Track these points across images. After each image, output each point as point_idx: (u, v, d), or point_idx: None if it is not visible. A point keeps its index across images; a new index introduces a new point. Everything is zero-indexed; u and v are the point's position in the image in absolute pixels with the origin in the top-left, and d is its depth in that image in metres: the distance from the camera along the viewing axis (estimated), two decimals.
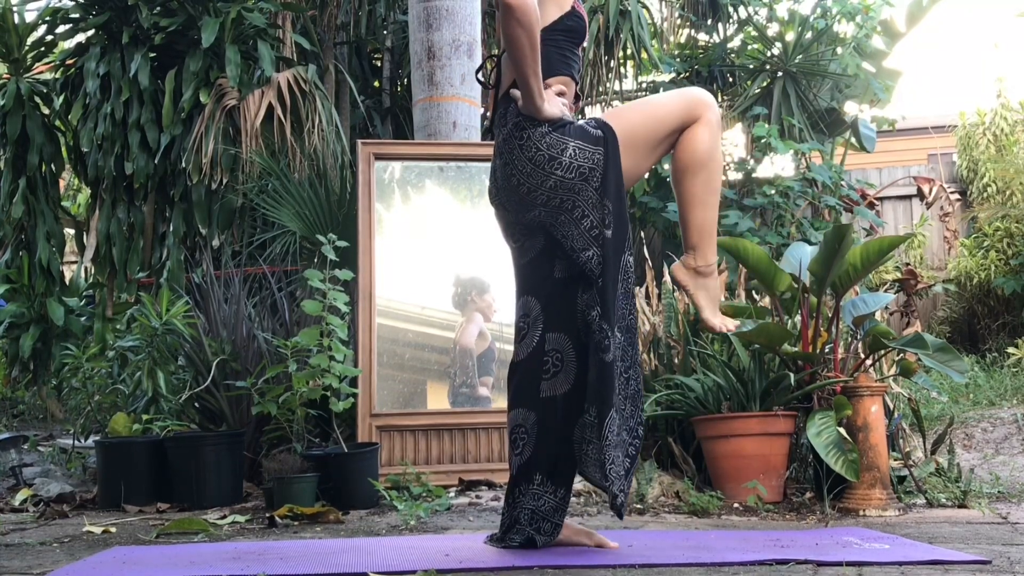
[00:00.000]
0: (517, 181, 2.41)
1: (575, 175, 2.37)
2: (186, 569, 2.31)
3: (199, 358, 3.96)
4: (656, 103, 2.57)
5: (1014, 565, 2.23)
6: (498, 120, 2.49)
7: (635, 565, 2.26)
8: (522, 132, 2.38)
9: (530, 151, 2.37)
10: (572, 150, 2.36)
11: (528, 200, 2.42)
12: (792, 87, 6.62)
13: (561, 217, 2.41)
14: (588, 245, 2.39)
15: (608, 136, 2.39)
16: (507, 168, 2.43)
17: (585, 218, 2.39)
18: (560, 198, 2.39)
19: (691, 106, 2.49)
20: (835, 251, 3.48)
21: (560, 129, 2.37)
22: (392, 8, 6.58)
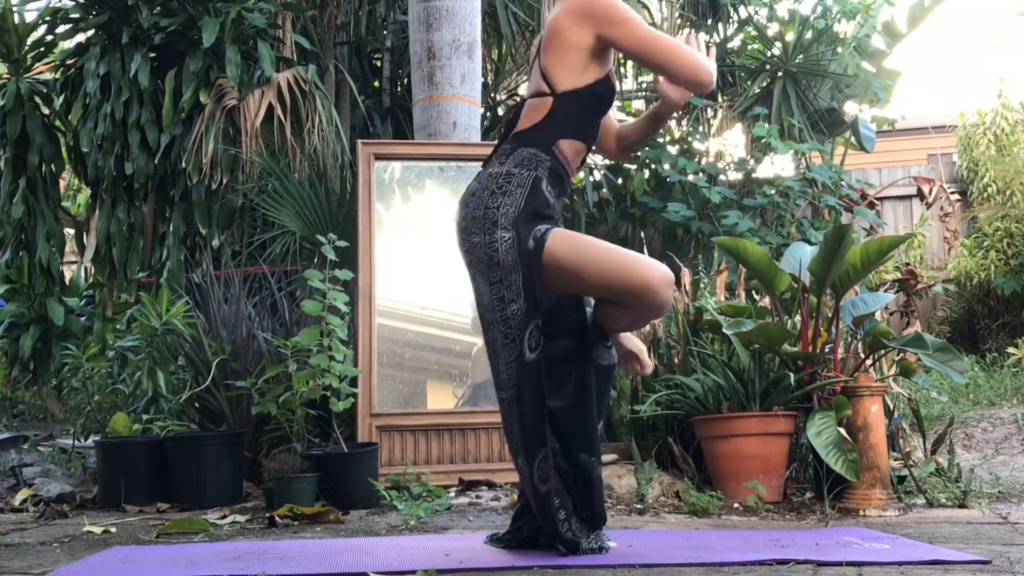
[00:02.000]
0: (461, 214, 2.43)
1: (487, 256, 2.35)
2: (186, 569, 2.31)
3: (199, 358, 3.96)
4: (606, 270, 2.32)
5: (1014, 565, 2.23)
6: (499, 154, 2.47)
7: (635, 565, 2.26)
8: (499, 189, 2.37)
9: (486, 205, 2.37)
10: (506, 241, 2.34)
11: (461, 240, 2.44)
12: (792, 87, 6.62)
13: (469, 270, 2.45)
14: (477, 310, 2.44)
15: (535, 256, 2.32)
16: (468, 196, 2.44)
17: (476, 290, 2.43)
18: (472, 255, 2.40)
19: (637, 293, 2.30)
20: (835, 251, 3.48)
21: (521, 220, 2.33)
22: (392, 8, 6.58)
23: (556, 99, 2.42)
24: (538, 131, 2.44)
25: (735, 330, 3.68)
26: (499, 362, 2.38)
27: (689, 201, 6.00)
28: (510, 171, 2.40)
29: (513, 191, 2.37)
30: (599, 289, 2.37)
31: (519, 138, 2.46)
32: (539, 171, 2.40)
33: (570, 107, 2.42)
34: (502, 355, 2.36)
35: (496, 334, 2.37)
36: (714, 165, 6.32)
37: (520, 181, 2.38)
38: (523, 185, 2.38)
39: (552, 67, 2.42)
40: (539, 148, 2.42)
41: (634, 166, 6.59)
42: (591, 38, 2.38)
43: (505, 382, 2.37)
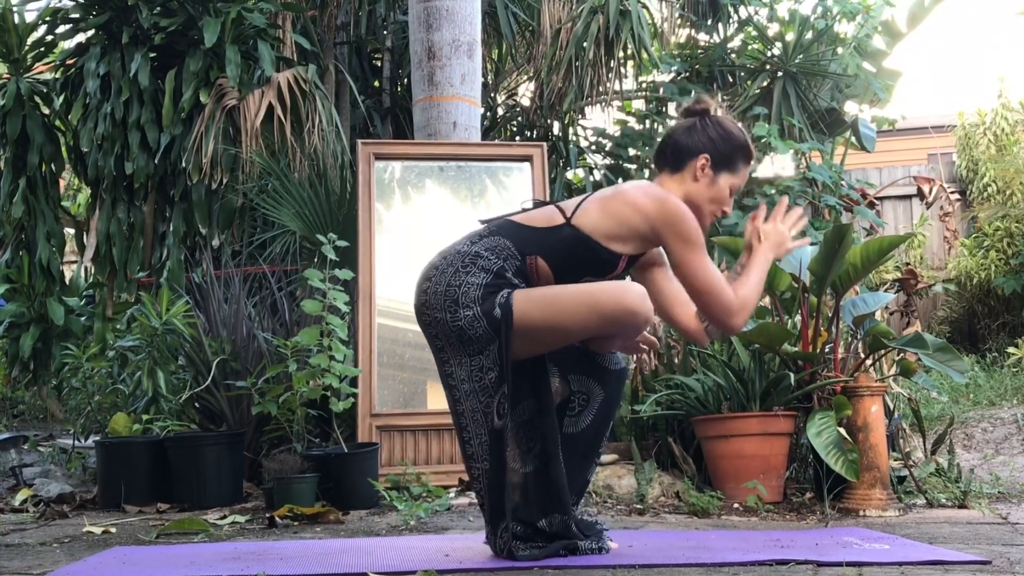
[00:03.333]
0: (422, 287, 2.38)
1: (455, 332, 2.30)
2: (186, 569, 2.31)
3: (199, 358, 3.96)
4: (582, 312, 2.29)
5: (1014, 565, 2.23)
6: (472, 234, 2.43)
7: (635, 565, 2.26)
8: (463, 268, 2.32)
9: (448, 283, 2.32)
10: (468, 317, 2.29)
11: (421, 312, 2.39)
12: (792, 87, 6.61)
13: (433, 342, 2.38)
14: (445, 383, 2.38)
15: (504, 323, 2.27)
16: (430, 270, 2.39)
17: (444, 363, 2.36)
18: (436, 330, 2.35)
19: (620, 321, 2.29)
20: (835, 251, 3.48)
21: (482, 296, 2.28)
22: (392, 8, 6.58)
23: (566, 227, 2.38)
24: (527, 233, 2.38)
25: None
26: (482, 433, 2.33)
27: None
28: (479, 253, 2.34)
29: (477, 273, 2.31)
30: (581, 333, 2.34)
31: (504, 227, 2.41)
32: (507, 264, 2.33)
33: (571, 244, 2.37)
34: (483, 426, 2.32)
35: (476, 404, 2.31)
36: None
37: (486, 266, 2.32)
38: (488, 271, 2.31)
39: (591, 210, 2.39)
40: (517, 247, 2.35)
41: (634, 166, 6.59)
42: (649, 231, 2.36)
43: (483, 454, 2.33)
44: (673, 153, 2.49)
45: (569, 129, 6.84)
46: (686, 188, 2.46)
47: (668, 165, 2.50)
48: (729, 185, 2.48)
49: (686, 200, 2.43)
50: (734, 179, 2.49)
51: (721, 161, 2.46)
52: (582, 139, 7.06)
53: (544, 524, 2.36)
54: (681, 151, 2.47)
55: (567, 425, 2.48)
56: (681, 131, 2.51)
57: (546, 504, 2.37)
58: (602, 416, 2.52)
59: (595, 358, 2.48)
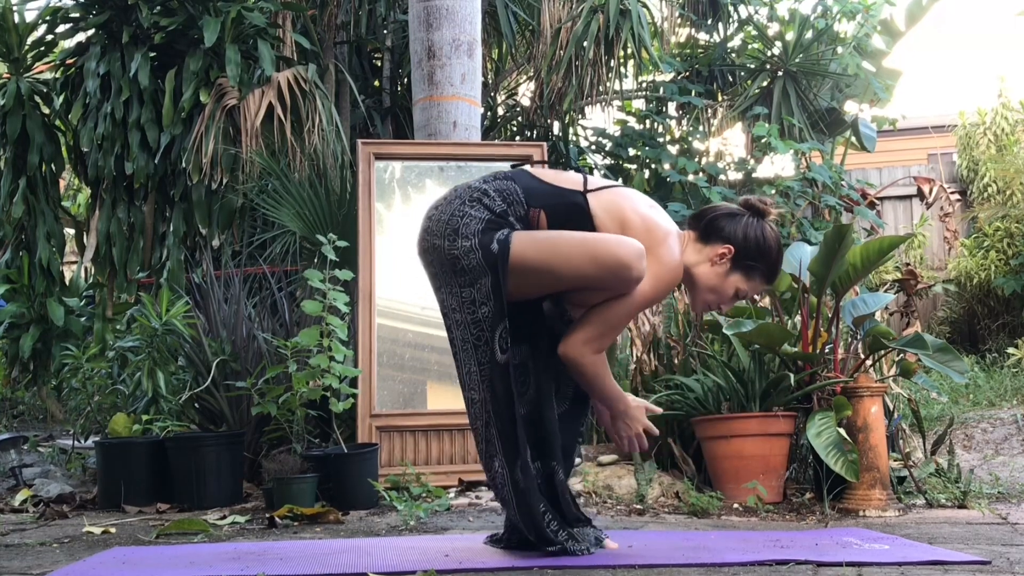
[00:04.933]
0: (428, 215, 2.43)
1: (449, 261, 2.34)
2: (186, 569, 2.31)
3: (199, 358, 3.96)
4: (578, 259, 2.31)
5: (1014, 565, 2.24)
6: (489, 174, 2.46)
7: (635, 565, 2.26)
8: (469, 202, 2.36)
9: (452, 212, 2.36)
10: (465, 247, 2.32)
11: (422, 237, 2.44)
12: (792, 87, 6.61)
13: (429, 269, 2.44)
14: (442, 312, 2.44)
15: (500, 259, 2.30)
16: (439, 201, 2.44)
17: (439, 290, 2.42)
18: (432, 256, 2.40)
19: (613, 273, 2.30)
20: (835, 251, 3.48)
21: (482, 231, 2.32)
22: (392, 8, 6.58)
23: (579, 195, 2.40)
24: (539, 185, 2.41)
25: (735, 330, 3.68)
26: (470, 362, 2.36)
27: (689, 201, 6.00)
28: (487, 191, 2.38)
29: (480, 208, 2.35)
30: (574, 280, 2.34)
31: (519, 175, 2.43)
32: (511, 208, 2.36)
33: (574, 212, 2.38)
34: (473, 356, 2.35)
35: (467, 335, 2.36)
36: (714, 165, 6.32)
37: (490, 205, 2.35)
38: (491, 210, 2.35)
39: (611, 204, 2.40)
40: (524, 196, 2.38)
41: (634, 166, 6.60)
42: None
43: (476, 382, 2.36)
44: (708, 226, 2.48)
45: (569, 129, 6.85)
46: (699, 264, 2.46)
47: (699, 232, 2.50)
48: (737, 287, 2.48)
49: (690, 272, 2.45)
50: (744, 284, 2.48)
51: (743, 262, 2.45)
52: (582, 139, 7.07)
53: (538, 466, 2.38)
54: (715, 230, 2.47)
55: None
56: (727, 212, 2.50)
57: (539, 448, 2.39)
58: (580, 399, 2.57)
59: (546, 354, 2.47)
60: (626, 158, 6.65)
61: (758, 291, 2.57)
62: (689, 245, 2.48)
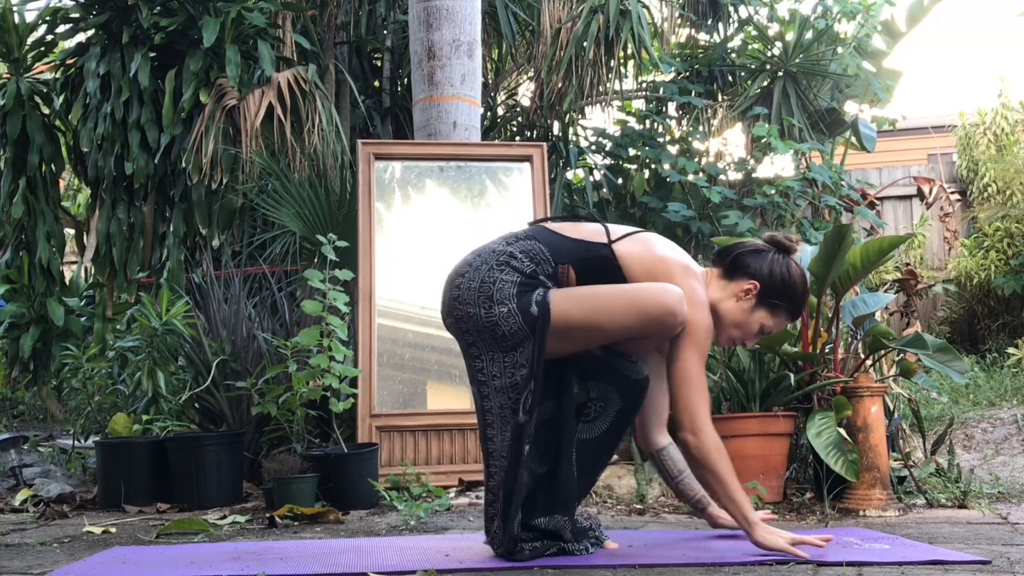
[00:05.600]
0: (454, 283, 2.39)
1: (487, 328, 2.31)
2: (186, 569, 2.31)
3: (199, 358, 3.96)
4: (622, 312, 2.31)
5: (1014, 565, 2.24)
6: (508, 235, 2.44)
7: (635, 565, 2.26)
8: (498, 266, 2.33)
9: (483, 279, 2.33)
10: (503, 314, 2.29)
11: (452, 307, 2.39)
12: (792, 87, 6.61)
13: (463, 337, 2.39)
14: (473, 379, 2.38)
15: (542, 320, 2.28)
16: (464, 266, 2.40)
17: (475, 358, 2.36)
18: (467, 325, 2.34)
19: (659, 321, 2.31)
20: (835, 251, 3.48)
21: (517, 294, 2.29)
22: (392, 8, 6.58)
23: (604, 247, 2.40)
24: (563, 242, 2.40)
25: None
26: (505, 429, 2.32)
27: (689, 201, 6.00)
28: (513, 253, 2.35)
29: (510, 272, 2.32)
30: (618, 332, 2.34)
31: (540, 233, 2.42)
32: (540, 268, 2.35)
33: (602, 265, 2.38)
34: (509, 422, 2.31)
35: (505, 400, 2.31)
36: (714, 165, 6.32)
37: (519, 267, 2.33)
38: (521, 272, 2.33)
39: (636, 252, 2.40)
40: (551, 254, 2.37)
41: (634, 166, 6.59)
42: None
43: (505, 451, 2.32)
44: (732, 262, 2.49)
45: (569, 129, 6.84)
46: (723, 300, 2.47)
47: (723, 268, 2.50)
48: (762, 323, 2.49)
49: (715, 309, 2.44)
50: (769, 321, 2.49)
51: (768, 298, 2.46)
52: (582, 139, 7.06)
53: (542, 522, 2.37)
54: (740, 266, 2.48)
55: (581, 430, 2.49)
56: (752, 248, 2.50)
57: (550, 504, 2.38)
58: (618, 425, 2.53)
59: (617, 367, 2.49)
60: (626, 158, 6.65)
61: (782, 327, 2.57)
62: (713, 282, 2.49)
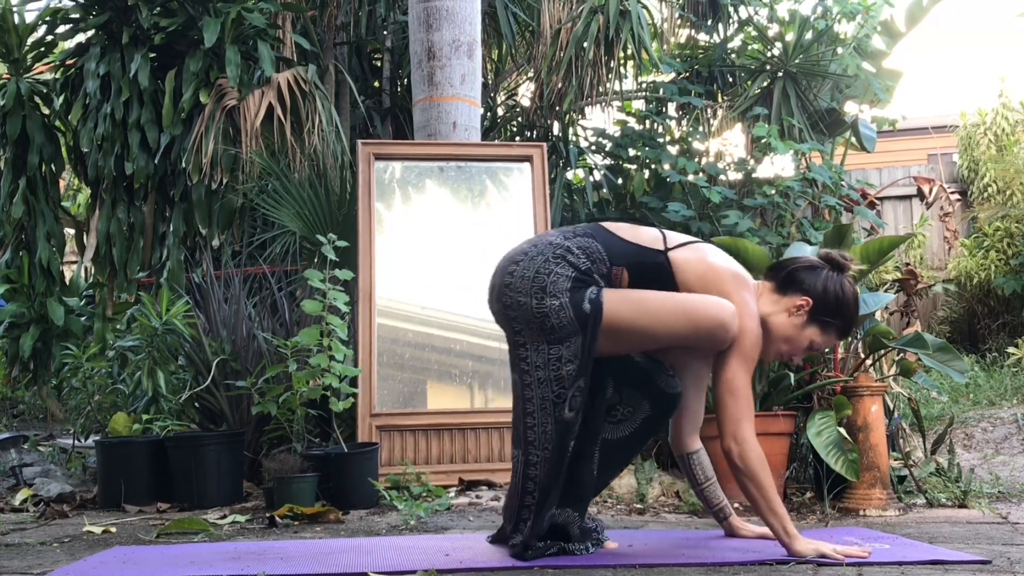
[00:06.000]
0: (507, 270, 2.39)
1: (537, 319, 2.31)
2: (186, 569, 2.31)
3: (199, 358, 3.96)
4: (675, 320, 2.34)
5: (1014, 565, 2.24)
6: (567, 229, 2.45)
7: (635, 565, 2.26)
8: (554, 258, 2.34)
9: (537, 269, 2.34)
10: (555, 307, 2.30)
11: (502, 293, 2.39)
12: (792, 87, 6.61)
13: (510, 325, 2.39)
14: (515, 367, 2.38)
15: (593, 318, 2.29)
16: (518, 254, 2.41)
17: (521, 346, 2.35)
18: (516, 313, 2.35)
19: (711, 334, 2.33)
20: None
21: (570, 289, 2.30)
22: (392, 8, 6.58)
23: (661, 254, 2.41)
24: (621, 244, 2.41)
25: None
26: (547, 422, 2.31)
27: (689, 201, 6.00)
28: (570, 248, 2.36)
29: (566, 266, 2.33)
30: (667, 339, 2.36)
31: (598, 232, 2.43)
32: (595, 267, 2.35)
33: (656, 271, 2.39)
34: (551, 414, 2.31)
35: (547, 393, 2.31)
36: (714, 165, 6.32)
37: (575, 262, 2.34)
38: (576, 267, 2.33)
39: (692, 261, 2.41)
40: (609, 255, 2.37)
41: (634, 166, 6.59)
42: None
43: (545, 441, 2.32)
44: (786, 277, 2.50)
45: (569, 129, 6.84)
46: (775, 314, 2.47)
47: (776, 282, 2.51)
48: (812, 339, 2.49)
49: (765, 322, 2.45)
50: (818, 337, 2.49)
51: (820, 315, 2.46)
52: (582, 139, 7.06)
53: (555, 514, 2.39)
54: (794, 281, 2.48)
55: (606, 430, 2.52)
56: (807, 265, 2.51)
57: (564, 499, 2.40)
58: (642, 433, 2.57)
59: (654, 377, 2.52)
60: (626, 158, 6.65)
61: (830, 345, 2.58)
62: (765, 295, 2.49)
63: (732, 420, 2.37)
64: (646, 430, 2.57)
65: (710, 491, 2.68)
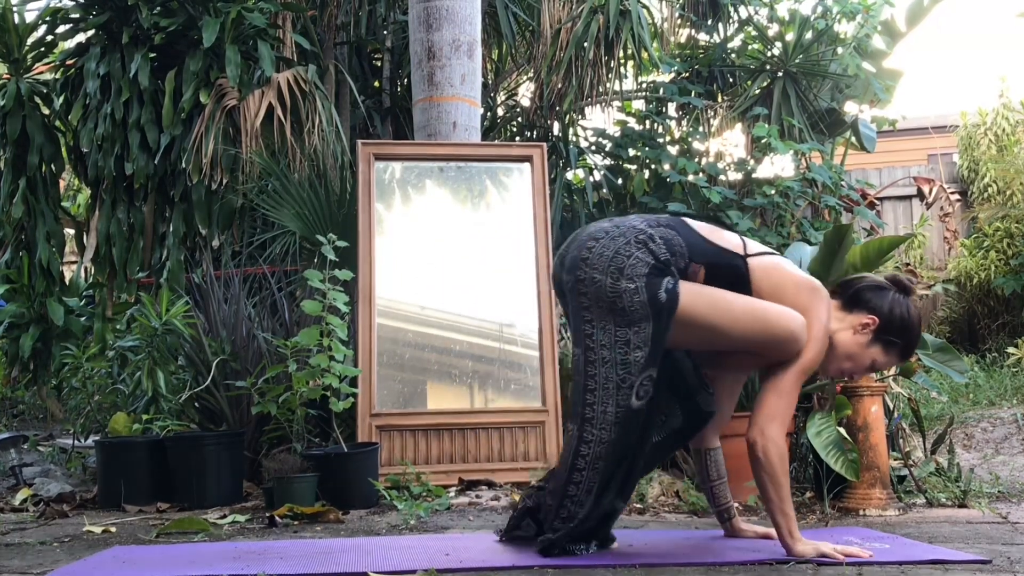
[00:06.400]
0: (586, 245, 2.39)
1: (608, 300, 2.31)
2: (186, 569, 2.31)
3: (199, 358, 3.96)
4: (748, 323, 2.35)
5: (1014, 565, 2.24)
6: (651, 217, 2.46)
7: (635, 565, 2.26)
8: (636, 242, 2.34)
9: (617, 250, 2.34)
10: (630, 291, 2.30)
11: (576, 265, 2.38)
12: (792, 87, 6.61)
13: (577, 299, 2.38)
14: (579, 341, 2.38)
15: (667, 308, 2.31)
16: (598, 231, 2.41)
17: (586, 322, 2.35)
18: (587, 289, 2.35)
19: (780, 343, 2.34)
20: (835, 251, 3.48)
21: (647, 275, 2.30)
22: (392, 8, 6.58)
23: (740, 259, 2.42)
24: (703, 243, 2.42)
25: None
26: (608, 402, 2.31)
27: (689, 201, 6.00)
28: (652, 236, 2.37)
29: (646, 252, 2.33)
30: (736, 341, 2.37)
31: (682, 227, 2.43)
32: (674, 259, 2.36)
33: (733, 275, 2.40)
34: (614, 397, 2.31)
35: (611, 374, 2.31)
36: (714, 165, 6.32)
37: (656, 251, 2.34)
38: (656, 256, 2.34)
39: (771, 269, 2.43)
40: (690, 251, 2.38)
41: (634, 166, 6.59)
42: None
43: (611, 423, 2.31)
44: (854, 295, 2.51)
45: (569, 129, 6.84)
46: (841, 331, 2.48)
47: (844, 300, 2.52)
48: (874, 358, 2.50)
49: (831, 338, 2.45)
50: (881, 357, 2.50)
51: (884, 335, 2.47)
52: (582, 139, 7.06)
53: (607, 502, 2.41)
54: (861, 300, 2.49)
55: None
56: (874, 284, 2.52)
57: (622, 490, 2.44)
58: (669, 443, 2.60)
59: (695, 393, 2.54)
60: (626, 158, 6.65)
61: (891, 366, 2.58)
62: (834, 311, 2.50)
63: (767, 415, 2.37)
64: (674, 441, 2.61)
65: (719, 489, 2.70)
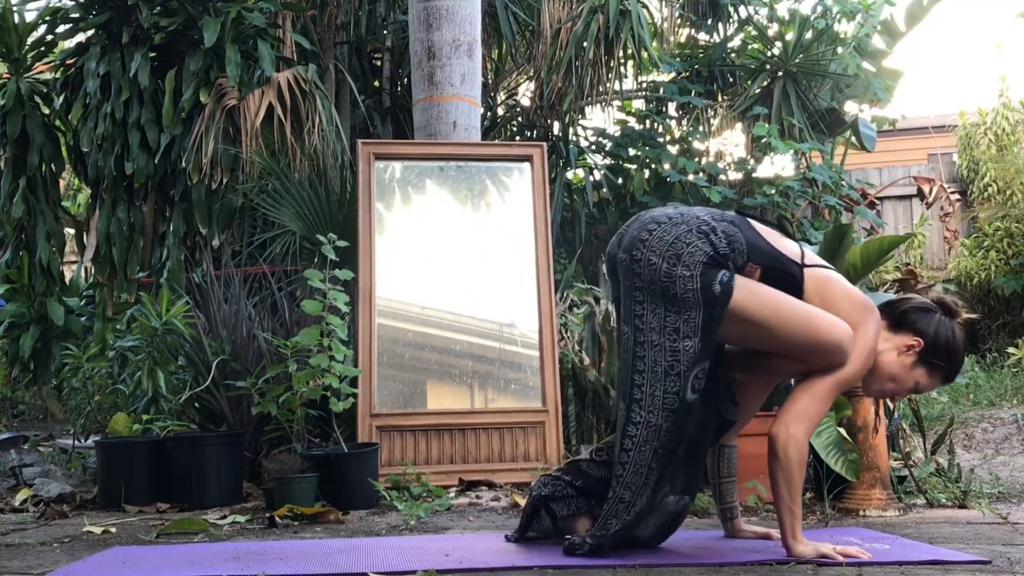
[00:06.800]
0: (647, 228, 2.39)
1: (661, 284, 2.32)
2: (186, 569, 2.31)
3: (199, 358, 3.96)
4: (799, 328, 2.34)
5: (1014, 565, 2.24)
6: (716, 212, 2.46)
7: (635, 565, 2.26)
8: (698, 232, 2.35)
9: (677, 236, 2.35)
10: (685, 278, 2.31)
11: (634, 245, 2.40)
12: (792, 87, 6.61)
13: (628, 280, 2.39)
14: (628, 320, 2.39)
15: (720, 301, 2.31)
16: (661, 215, 2.42)
17: (636, 303, 2.36)
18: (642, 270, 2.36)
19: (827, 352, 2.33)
20: (835, 251, 3.48)
21: (705, 265, 2.31)
22: (392, 8, 6.58)
23: (796, 266, 2.42)
24: (764, 245, 2.42)
25: None
26: (656, 386, 2.32)
27: (689, 201, 6.00)
28: (715, 228, 2.37)
29: (707, 243, 2.34)
30: (782, 344, 2.37)
31: (744, 226, 2.44)
32: (733, 256, 2.36)
33: (787, 280, 2.40)
34: (662, 382, 2.32)
35: (660, 359, 2.32)
36: (714, 165, 6.33)
37: (716, 243, 2.35)
38: (716, 248, 2.34)
39: (824, 281, 2.43)
40: (749, 250, 2.38)
41: (634, 166, 6.60)
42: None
43: (659, 407, 2.32)
44: (900, 316, 2.50)
45: (569, 129, 6.85)
46: (886, 351, 2.47)
47: (889, 321, 2.50)
48: (917, 380, 2.49)
49: (876, 357, 2.45)
50: (924, 379, 2.49)
51: (929, 357, 2.46)
52: (582, 139, 7.07)
53: (673, 500, 2.43)
54: (907, 321, 2.48)
55: None
56: (921, 306, 2.51)
57: (688, 485, 2.45)
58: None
59: (719, 400, 2.53)
60: (626, 158, 6.66)
61: (933, 388, 2.57)
62: (881, 333, 2.49)
63: (795, 414, 2.36)
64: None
65: (727, 487, 2.71)
